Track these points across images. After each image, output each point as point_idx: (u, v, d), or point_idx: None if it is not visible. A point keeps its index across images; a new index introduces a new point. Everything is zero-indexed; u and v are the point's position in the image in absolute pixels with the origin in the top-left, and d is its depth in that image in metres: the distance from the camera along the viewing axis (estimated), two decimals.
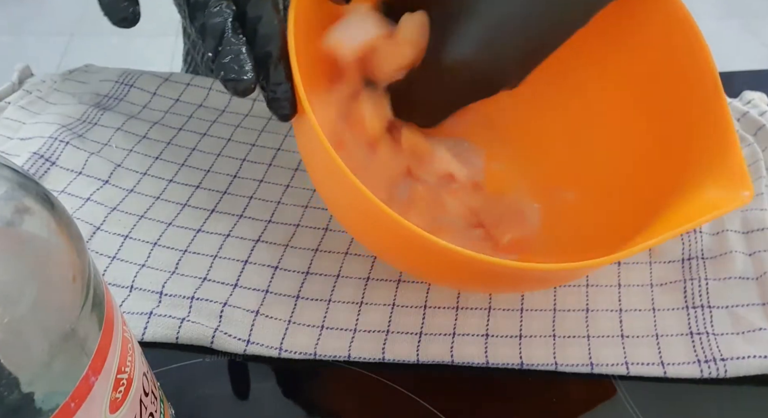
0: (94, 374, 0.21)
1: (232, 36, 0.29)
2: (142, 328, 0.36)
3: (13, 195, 0.19)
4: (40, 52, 1.64)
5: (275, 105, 0.30)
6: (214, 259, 0.40)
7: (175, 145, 0.47)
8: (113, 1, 0.29)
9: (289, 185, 0.45)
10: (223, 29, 0.29)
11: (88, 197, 0.42)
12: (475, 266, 0.30)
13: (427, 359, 0.36)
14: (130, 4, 0.29)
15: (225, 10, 0.29)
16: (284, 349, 0.36)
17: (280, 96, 0.30)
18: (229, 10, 0.29)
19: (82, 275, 0.20)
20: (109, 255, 0.40)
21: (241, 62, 0.29)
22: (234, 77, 0.29)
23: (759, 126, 0.46)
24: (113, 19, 0.30)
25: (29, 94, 0.50)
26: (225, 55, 0.29)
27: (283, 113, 0.30)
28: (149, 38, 0.39)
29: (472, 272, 0.32)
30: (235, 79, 0.29)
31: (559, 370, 0.36)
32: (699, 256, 0.40)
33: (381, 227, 0.31)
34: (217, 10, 0.29)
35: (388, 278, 0.39)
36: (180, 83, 0.52)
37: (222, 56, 0.29)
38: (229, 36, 0.29)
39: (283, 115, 0.30)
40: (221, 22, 0.29)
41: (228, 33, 0.29)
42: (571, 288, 0.39)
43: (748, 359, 0.35)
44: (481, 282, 0.34)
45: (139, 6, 0.30)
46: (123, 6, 0.29)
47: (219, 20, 0.29)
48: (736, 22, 1.75)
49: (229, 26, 0.29)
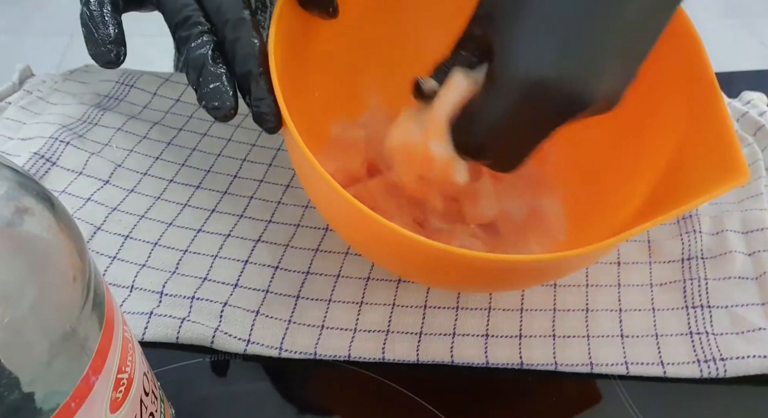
0: (95, 374, 0.21)
1: (211, 66, 0.30)
2: (143, 328, 0.36)
3: (13, 195, 0.19)
4: (40, 52, 1.64)
5: (260, 119, 0.31)
6: (214, 259, 0.40)
7: (175, 145, 0.47)
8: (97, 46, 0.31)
9: (290, 185, 0.45)
10: (203, 61, 0.30)
11: (89, 197, 0.42)
12: (467, 263, 0.30)
13: (427, 359, 0.36)
14: (114, 47, 0.31)
15: (205, 42, 0.30)
16: (284, 349, 0.36)
17: (264, 110, 0.31)
18: (210, 40, 0.31)
19: (82, 275, 0.20)
20: (109, 255, 0.40)
21: (220, 90, 0.30)
22: (215, 105, 0.30)
23: (758, 126, 0.46)
24: (99, 63, 0.31)
25: (30, 94, 0.50)
26: (205, 84, 0.30)
27: (268, 126, 0.31)
28: (149, 38, 0.39)
29: (465, 270, 0.32)
30: (216, 107, 0.30)
31: (559, 370, 0.36)
32: (699, 256, 0.40)
33: (368, 231, 0.31)
34: (197, 43, 0.30)
35: (388, 278, 0.39)
36: (180, 83, 0.52)
37: (203, 86, 0.30)
38: (209, 66, 0.30)
39: (268, 128, 0.31)
40: (201, 55, 0.30)
41: (208, 63, 0.30)
42: (571, 288, 0.39)
43: (747, 359, 0.35)
44: (477, 279, 0.34)
45: (125, 47, 0.31)
46: (107, 49, 0.31)
47: (199, 52, 0.30)
48: (736, 22, 1.75)
49: (209, 56, 0.30)
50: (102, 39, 0.31)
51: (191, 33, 0.30)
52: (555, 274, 0.36)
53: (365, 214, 0.28)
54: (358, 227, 0.32)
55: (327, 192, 0.31)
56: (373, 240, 0.33)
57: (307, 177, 0.34)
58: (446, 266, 0.31)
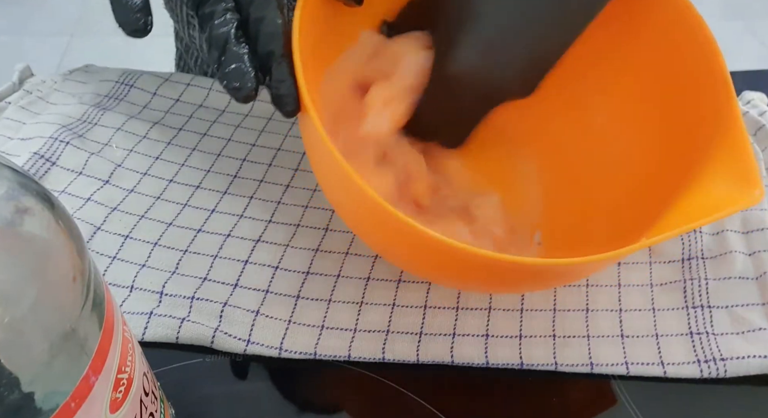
0: (95, 374, 0.21)
1: (234, 45, 0.30)
2: (143, 328, 0.36)
3: (13, 195, 0.19)
4: (40, 52, 1.64)
5: (279, 101, 0.30)
6: (214, 259, 0.40)
7: (175, 145, 0.47)
8: (126, 13, 0.30)
9: (290, 185, 0.45)
10: (226, 39, 0.30)
11: (89, 197, 0.42)
12: (475, 262, 0.30)
13: (427, 359, 0.36)
14: (142, 16, 0.30)
15: (229, 20, 0.30)
16: (284, 349, 0.36)
17: (284, 92, 0.30)
18: (233, 18, 0.30)
19: (82, 275, 0.20)
20: (109, 255, 0.40)
21: (242, 70, 0.30)
22: (236, 85, 0.30)
23: (759, 126, 0.46)
24: (126, 30, 0.31)
25: (29, 94, 0.50)
26: (227, 64, 0.30)
27: (287, 110, 0.31)
28: (149, 38, 0.39)
29: (472, 268, 0.31)
30: (236, 87, 0.30)
31: (559, 370, 0.36)
32: (699, 256, 0.40)
33: (380, 220, 0.31)
34: (221, 20, 0.30)
35: (388, 278, 0.39)
36: (180, 83, 0.52)
37: (225, 65, 0.30)
38: (231, 45, 0.30)
39: (287, 112, 0.31)
40: (224, 33, 0.30)
41: (231, 42, 0.30)
42: (571, 288, 0.39)
43: (747, 359, 0.35)
44: (482, 279, 0.34)
45: (152, 17, 0.31)
46: (135, 17, 0.30)
47: (222, 31, 0.30)
48: (736, 23, 1.75)
49: (232, 35, 0.30)
50: (130, 6, 0.30)
51: (215, 9, 0.30)
52: (558, 279, 0.36)
53: (396, 217, 0.28)
54: (383, 229, 0.32)
55: (344, 181, 0.30)
56: (398, 242, 0.32)
57: (321, 163, 0.33)
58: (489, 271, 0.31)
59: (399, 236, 0.31)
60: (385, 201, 0.28)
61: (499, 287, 0.37)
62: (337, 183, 0.32)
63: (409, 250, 0.33)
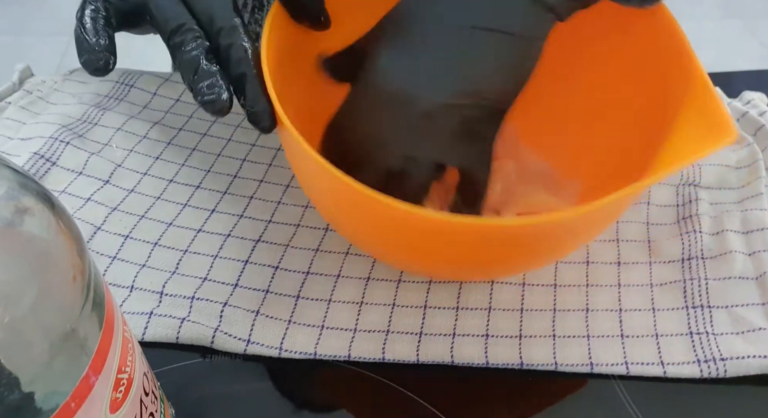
0: (95, 374, 0.21)
1: (205, 64, 0.32)
2: (143, 328, 0.36)
3: (13, 195, 0.19)
4: (40, 52, 1.64)
5: (255, 119, 0.32)
6: (214, 259, 0.40)
7: (175, 145, 0.47)
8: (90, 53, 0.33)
9: (290, 185, 0.45)
10: (198, 61, 0.32)
11: (89, 197, 0.42)
12: (465, 230, 0.30)
13: (427, 359, 0.36)
14: (105, 56, 0.33)
15: (199, 45, 0.32)
16: (284, 349, 0.36)
17: (258, 110, 0.32)
18: (202, 43, 0.32)
19: (82, 275, 0.20)
20: (109, 255, 0.40)
21: (214, 85, 0.31)
22: (210, 98, 0.31)
23: (759, 126, 0.46)
24: (88, 69, 0.33)
25: (30, 94, 0.50)
26: (200, 81, 0.32)
27: (262, 125, 0.32)
28: (149, 38, 0.39)
29: (465, 241, 0.31)
30: (211, 100, 0.32)
31: (559, 370, 0.36)
32: (699, 256, 0.40)
33: (371, 214, 0.31)
34: (192, 46, 0.32)
35: (388, 278, 0.39)
36: (180, 83, 0.52)
37: (197, 83, 0.32)
38: (202, 64, 0.32)
39: (263, 127, 0.32)
40: (195, 55, 0.32)
41: (202, 62, 0.32)
42: (571, 288, 0.39)
43: (747, 359, 0.35)
44: (479, 252, 0.33)
45: (115, 57, 0.33)
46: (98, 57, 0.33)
47: (194, 54, 0.32)
48: (736, 23, 1.75)
49: (202, 57, 0.32)
50: (93, 47, 0.32)
51: (185, 38, 0.32)
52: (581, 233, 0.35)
53: (374, 197, 0.28)
54: (366, 215, 0.32)
55: (329, 181, 0.31)
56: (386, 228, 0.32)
57: (308, 173, 0.34)
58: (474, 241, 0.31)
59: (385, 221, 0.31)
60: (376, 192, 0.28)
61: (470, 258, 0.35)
62: (324, 185, 0.33)
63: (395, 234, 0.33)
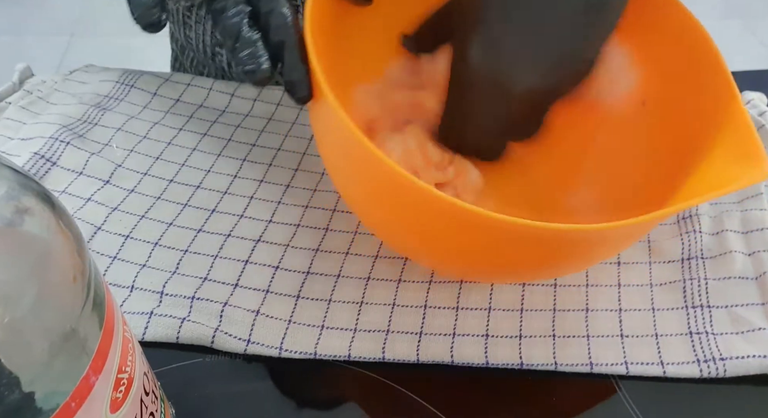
0: (95, 374, 0.21)
1: (246, 32, 0.31)
2: (143, 328, 0.36)
3: (13, 195, 0.19)
4: (40, 52, 1.64)
5: (292, 88, 0.31)
6: (214, 259, 0.40)
7: (175, 145, 0.47)
8: (145, 8, 0.31)
9: (290, 185, 0.45)
10: (239, 28, 0.31)
11: (89, 197, 0.42)
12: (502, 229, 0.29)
13: (427, 359, 0.36)
14: (156, 11, 0.32)
15: (240, 11, 0.31)
16: (284, 349, 0.36)
17: (296, 79, 0.31)
18: (244, 10, 0.31)
19: (82, 275, 0.20)
20: (109, 255, 0.40)
21: (256, 54, 0.31)
22: (251, 68, 0.31)
23: (759, 126, 0.46)
24: (141, 24, 0.32)
25: (30, 94, 0.50)
26: (241, 49, 0.31)
27: (300, 95, 0.31)
28: (149, 38, 0.39)
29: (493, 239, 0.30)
30: (252, 70, 0.31)
31: (559, 370, 0.36)
32: (699, 256, 0.40)
33: (409, 198, 0.30)
34: (233, 12, 0.31)
35: (388, 278, 0.39)
36: (180, 83, 0.52)
37: (239, 51, 0.31)
38: (244, 32, 0.31)
39: (299, 98, 0.31)
40: (237, 22, 0.31)
41: (243, 29, 0.31)
42: (571, 288, 0.39)
43: (747, 359, 0.35)
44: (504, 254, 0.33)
45: (168, 13, 0.32)
46: (150, 13, 0.32)
47: (235, 20, 0.31)
48: (736, 22, 1.75)
49: (244, 23, 0.31)
50: (146, 2, 0.31)
51: (227, 3, 0.31)
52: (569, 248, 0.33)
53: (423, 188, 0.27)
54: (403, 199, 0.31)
55: (369, 163, 0.30)
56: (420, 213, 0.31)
57: (341, 150, 0.33)
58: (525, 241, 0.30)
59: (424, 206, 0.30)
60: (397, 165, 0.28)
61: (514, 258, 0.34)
62: (361, 166, 0.32)
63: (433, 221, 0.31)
